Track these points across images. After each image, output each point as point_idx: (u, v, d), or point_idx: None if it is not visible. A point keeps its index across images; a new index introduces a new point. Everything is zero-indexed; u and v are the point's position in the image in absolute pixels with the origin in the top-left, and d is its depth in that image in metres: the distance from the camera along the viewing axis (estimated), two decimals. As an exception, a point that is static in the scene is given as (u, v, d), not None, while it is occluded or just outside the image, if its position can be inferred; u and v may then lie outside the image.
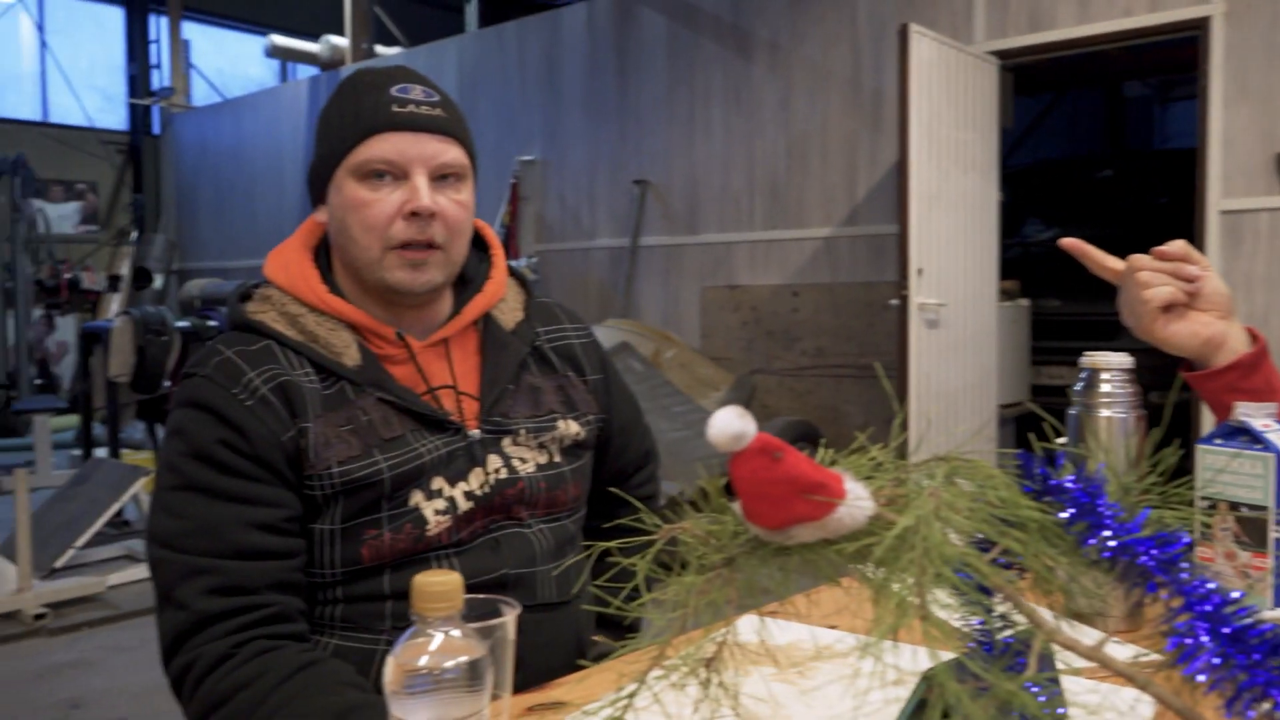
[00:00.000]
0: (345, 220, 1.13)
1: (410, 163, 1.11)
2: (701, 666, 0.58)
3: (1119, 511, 0.55)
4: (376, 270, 1.12)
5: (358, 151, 1.11)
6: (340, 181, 1.12)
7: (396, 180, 1.11)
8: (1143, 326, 1.14)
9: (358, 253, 1.13)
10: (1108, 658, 0.50)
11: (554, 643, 1.17)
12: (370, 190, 1.11)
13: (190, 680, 0.99)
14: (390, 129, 1.10)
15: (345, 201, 1.12)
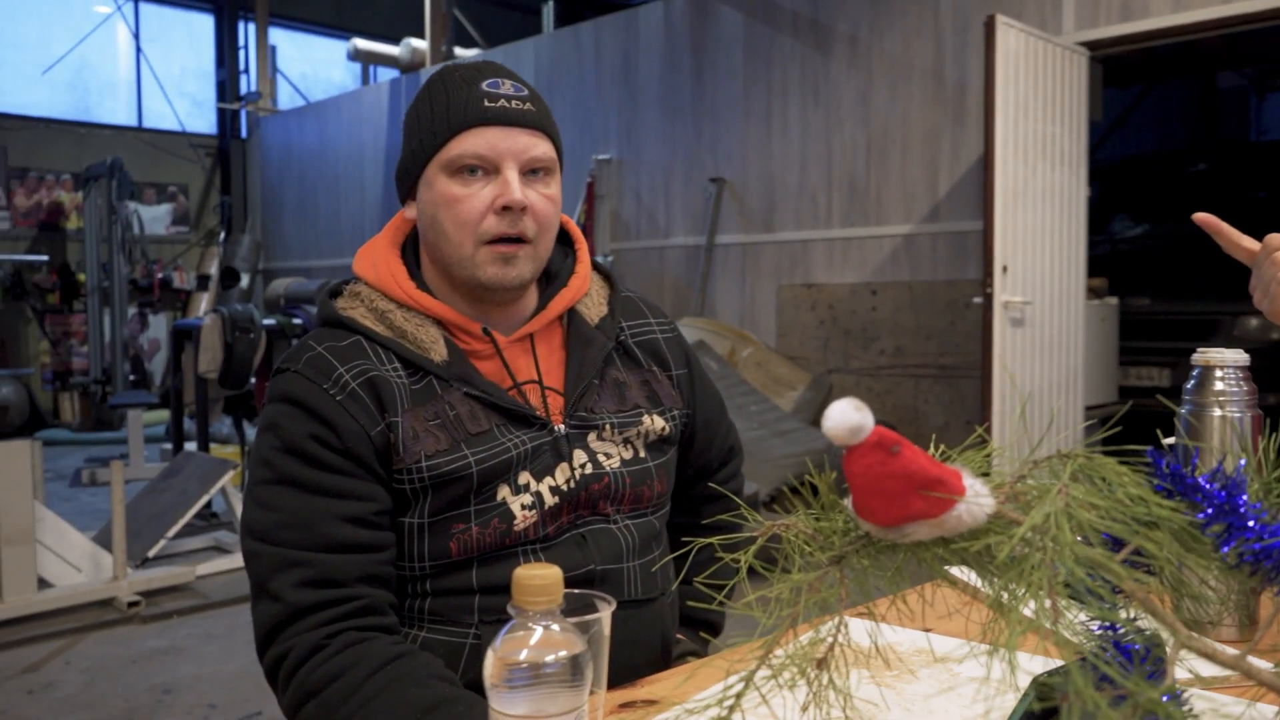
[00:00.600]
0: (437, 216, 1.13)
1: (501, 157, 1.11)
2: (812, 667, 0.56)
3: (1262, 513, 0.51)
4: (468, 267, 1.12)
5: (450, 147, 1.11)
6: (431, 177, 1.12)
7: (487, 175, 1.11)
8: (1275, 311, 1.09)
9: (450, 249, 1.13)
10: (1251, 667, 0.47)
11: (639, 640, 1.16)
12: (462, 185, 1.11)
13: (285, 671, 1.01)
14: (481, 124, 1.10)
15: (437, 197, 1.12)
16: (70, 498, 5.92)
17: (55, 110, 9.92)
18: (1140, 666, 0.50)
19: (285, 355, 1.14)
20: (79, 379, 8.81)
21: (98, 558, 3.83)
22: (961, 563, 0.54)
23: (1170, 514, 0.53)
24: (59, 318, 9.15)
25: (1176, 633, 0.49)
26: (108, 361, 8.48)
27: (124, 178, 8.31)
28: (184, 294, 9.37)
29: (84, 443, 8.19)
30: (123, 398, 6.86)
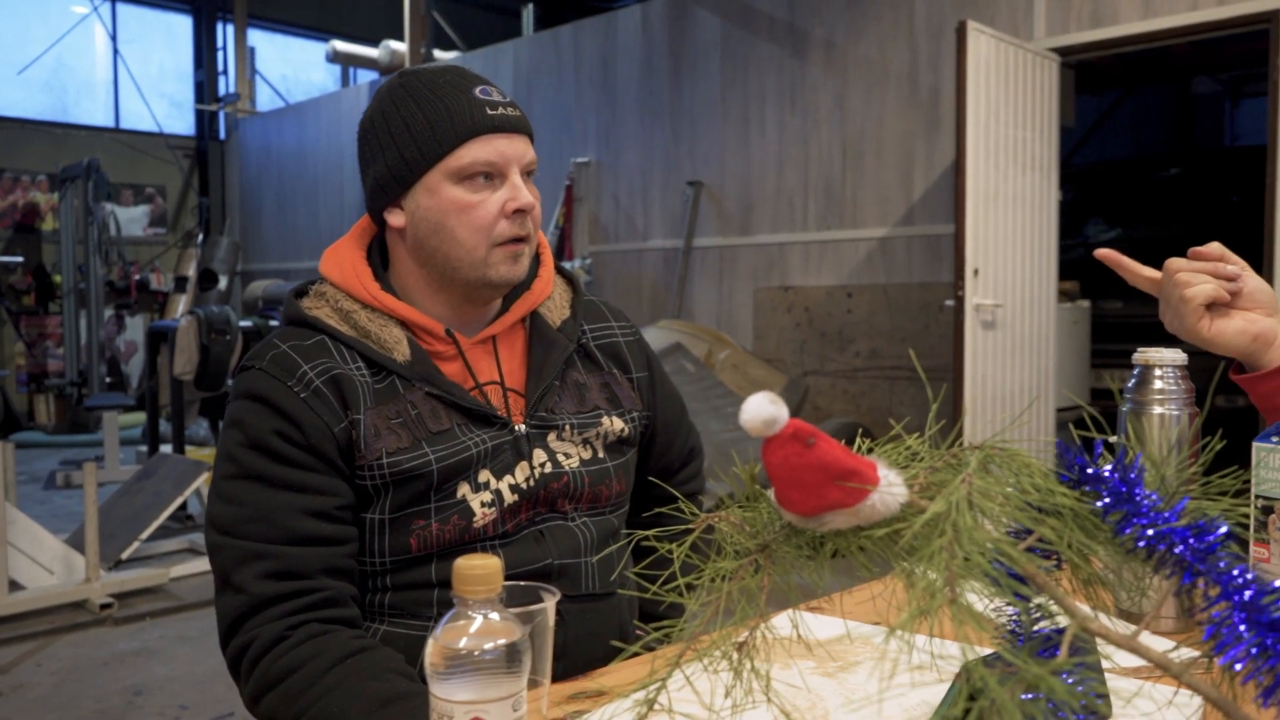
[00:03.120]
0: (445, 222, 1.14)
1: (508, 163, 1.15)
2: (734, 651, 0.59)
3: (1156, 501, 0.54)
4: (480, 268, 1.15)
5: (458, 154, 1.12)
6: (434, 184, 1.13)
7: (492, 180, 1.14)
8: (1187, 327, 1.11)
9: (461, 253, 1.14)
10: (1142, 646, 0.50)
11: (598, 632, 1.18)
12: (472, 192, 1.13)
13: (247, 661, 1.03)
14: (489, 131, 1.13)
15: (445, 204, 1.13)
16: (45, 500, 5.89)
17: (31, 111, 9.85)
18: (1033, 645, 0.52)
19: (250, 353, 1.15)
20: (54, 381, 8.76)
21: (70, 560, 3.81)
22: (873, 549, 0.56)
23: (1072, 502, 0.55)
24: (34, 319, 9.09)
25: (1074, 615, 0.51)
26: (83, 363, 8.43)
27: (101, 179, 8.26)
28: (161, 296, 9.33)
29: (59, 445, 8.13)
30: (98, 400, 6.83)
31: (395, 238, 1.20)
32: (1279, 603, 0.48)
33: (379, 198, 1.18)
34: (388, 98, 1.18)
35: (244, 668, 1.04)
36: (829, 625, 1.04)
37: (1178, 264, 1.13)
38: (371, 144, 1.17)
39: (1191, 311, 1.10)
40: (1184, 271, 1.11)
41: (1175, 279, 1.11)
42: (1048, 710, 0.47)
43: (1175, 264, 1.13)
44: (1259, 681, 0.48)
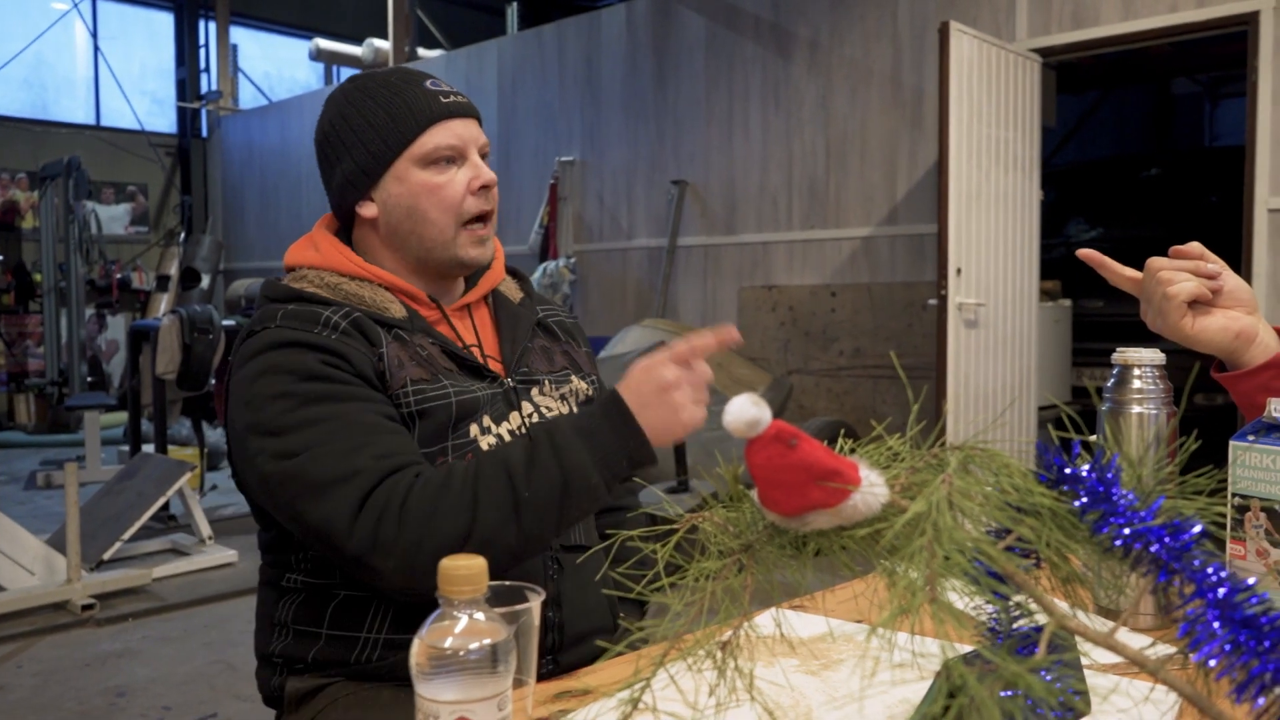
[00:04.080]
0: (417, 205, 1.22)
1: (467, 145, 1.24)
2: (717, 650, 0.59)
3: (1133, 500, 0.55)
4: (450, 248, 1.24)
5: (422, 141, 1.21)
6: (402, 172, 1.22)
7: (454, 162, 1.23)
8: (1170, 325, 1.13)
9: (434, 234, 1.22)
10: (1118, 644, 0.51)
11: (591, 584, 1.24)
12: (438, 174, 1.22)
13: (390, 517, 1.02)
14: (446, 117, 1.22)
15: (415, 188, 1.21)
16: (25, 500, 5.84)
17: (11, 108, 9.77)
18: (1012, 643, 0.53)
19: (250, 322, 1.19)
20: (35, 380, 8.68)
21: (51, 561, 3.78)
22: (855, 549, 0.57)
23: (1050, 502, 0.56)
24: (14, 318, 9.01)
25: (1052, 612, 0.52)
26: (64, 363, 8.36)
27: (81, 177, 8.20)
28: (143, 295, 9.27)
29: (40, 445, 8.07)
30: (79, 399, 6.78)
31: (367, 229, 1.27)
32: (1252, 600, 0.49)
33: (349, 193, 1.25)
34: (343, 101, 1.26)
35: (385, 531, 1.01)
36: (812, 623, 1.05)
37: (1159, 263, 1.14)
38: (335, 145, 1.25)
39: (1174, 309, 1.11)
40: (1166, 270, 1.13)
41: (1158, 277, 1.13)
42: (1026, 707, 0.48)
43: (1157, 263, 1.14)
44: (1232, 678, 0.49)
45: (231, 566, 4.31)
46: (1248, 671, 0.48)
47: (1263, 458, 0.99)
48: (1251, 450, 1.00)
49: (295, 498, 1.06)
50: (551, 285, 6.53)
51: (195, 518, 4.45)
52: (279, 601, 1.22)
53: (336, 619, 1.17)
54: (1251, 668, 0.48)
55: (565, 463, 1.05)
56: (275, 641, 1.22)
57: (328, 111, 1.27)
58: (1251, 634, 0.49)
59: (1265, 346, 1.12)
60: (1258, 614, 0.49)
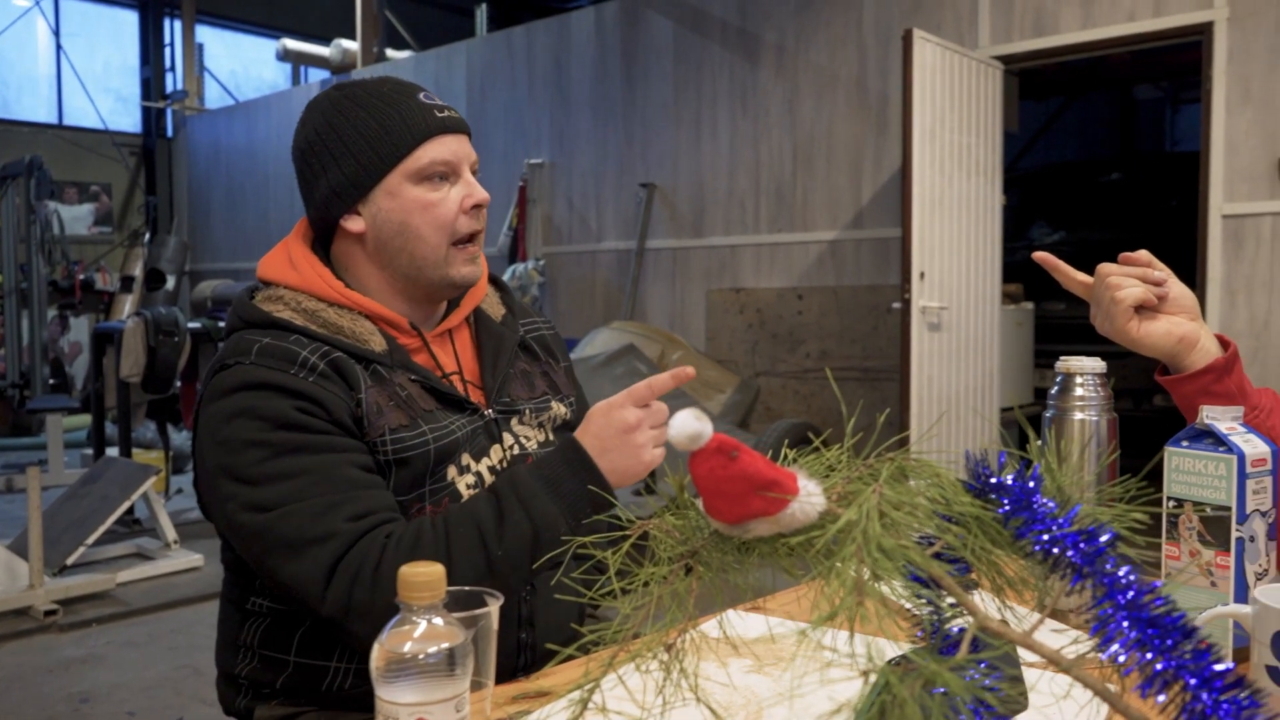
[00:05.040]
0: (409, 222, 1.18)
1: (461, 162, 1.21)
2: (663, 652, 0.62)
3: (1053, 508, 0.58)
4: (441, 267, 1.20)
5: (416, 156, 1.17)
6: (394, 187, 1.18)
7: (447, 179, 1.20)
8: (1117, 328, 1.17)
9: (425, 251, 1.19)
10: (1035, 643, 0.54)
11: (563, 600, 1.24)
12: (432, 190, 1.19)
13: (364, 582, 1.02)
14: (441, 132, 1.19)
15: (408, 204, 1.18)
16: (-15, 505, 5.77)
17: (-30, 106, 9.63)
18: (936, 642, 0.56)
19: (224, 351, 1.15)
20: (-5, 383, 8.55)
21: (13, 566, 3.75)
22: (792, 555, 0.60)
23: (976, 509, 0.59)
24: (-26, 320, 8.87)
25: (974, 613, 0.55)
26: (26, 365, 8.25)
27: (43, 176, 8.09)
28: (107, 296, 9.15)
29: (1, 449, 7.96)
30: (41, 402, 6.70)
31: (351, 243, 1.22)
32: (1157, 601, 0.53)
33: (335, 206, 1.20)
34: (331, 110, 1.20)
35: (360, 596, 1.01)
36: (771, 625, 1.08)
37: (1109, 268, 1.18)
38: (321, 155, 1.19)
39: (1121, 313, 1.16)
40: (1114, 275, 1.17)
41: (1106, 282, 1.17)
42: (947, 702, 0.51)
43: (1106, 268, 1.19)
44: (1138, 674, 0.52)
45: (197, 571, 4.29)
46: (1152, 668, 0.51)
47: (1195, 462, 1.03)
48: (1184, 455, 1.04)
49: (266, 553, 1.05)
50: (520, 287, 6.54)
51: (160, 522, 4.42)
52: (244, 624, 1.20)
53: (305, 647, 1.15)
54: (1155, 665, 0.52)
55: (534, 516, 1.06)
56: (240, 663, 1.20)
57: (312, 119, 1.21)
58: (1156, 632, 0.52)
59: (1206, 351, 1.17)
60: (1162, 614, 0.52)
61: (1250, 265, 4.26)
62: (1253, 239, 4.24)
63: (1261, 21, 4.19)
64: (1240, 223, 4.27)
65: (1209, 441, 1.04)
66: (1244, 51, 4.23)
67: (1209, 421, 1.05)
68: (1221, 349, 1.17)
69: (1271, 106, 4.18)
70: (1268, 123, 4.19)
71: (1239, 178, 4.26)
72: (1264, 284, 4.23)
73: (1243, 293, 4.27)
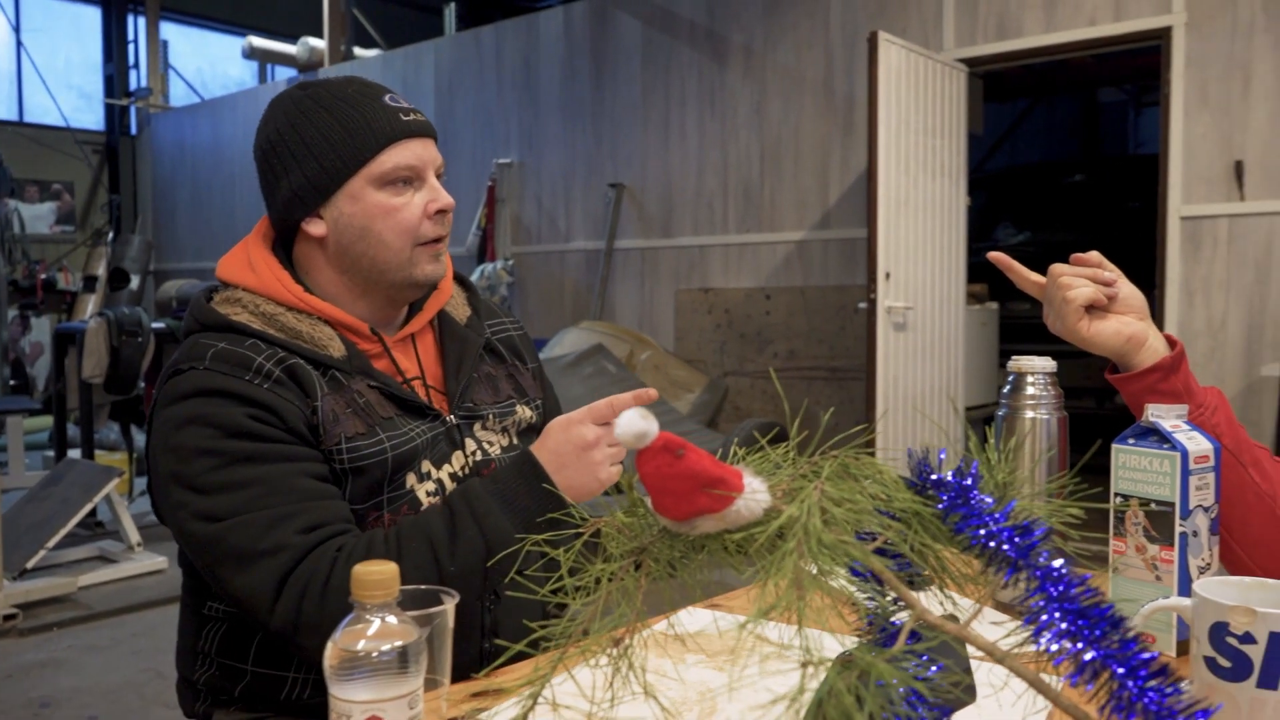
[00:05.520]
0: (371, 227, 1.17)
1: (425, 166, 1.20)
2: (611, 648, 0.63)
3: (990, 503, 0.60)
4: (406, 268, 1.19)
5: (380, 161, 1.16)
6: (357, 191, 1.17)
7: (411, 184, 1.19)
8: (1068, 327, 1.19)
9: (387, 255, 1.18)
10: (971, 635, 0.56)
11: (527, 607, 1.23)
12: (396, 195, 1.18)
13: (313, 596, 1.01)
14: (406, 137, 1.18)
15: (370, 209, 1.17)
16: (-56, 508, 5.68)
17: (-72, 103, 9.47)
18: (874, 636, 0.57)
19: (180, 355, 1.14)
20: (-46, 384, 8.42)
21: (-28, 570, 3.70)
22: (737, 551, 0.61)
23: (917, 505, 0.61)
24: (-67, 320, 8.72)
25: (913, 606, 0.57)
26: (-14, 366, 8.12)
27: (3, 174, 7.98)
28: (69, 296, 9.03)
29: (-40, 451, 7.83)
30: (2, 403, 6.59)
31: (312, 246, 1.21)
32: (1087, 593, 0.55)
33: (296, 209, 1.19)
34: (294, 110, 1.18)
35: (309, 609, 1.01)
36: (725, 621, 1.09)
37: (1060, 269, 1.21)
38: (283, 156, 1.18)
39: (1072, 313, 1.18)
40: (1066, 276, 1.20)
41: (1058, 282, 1.19)
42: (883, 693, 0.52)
43: (1058, 269, 1.21)
44: (1070, 663, 0.54)
45: (161, 573, 4.25)
46: (1081, 658, 0.53)
47: (1141, 459, 1.06)
48: (1130, 452, 1.06)
49: (216, 563, 1.04)
50: (489, 287, 6.53)
51: (123, 524, 4.38)
52: (201, 629, 1.19)
53: (262, 655, 1.15)
54: (1085, 654, 0.53)
55: (487, 531, 1.07)
56: (199, 669, 1.19)
57: (274, 119, 1.19)
58: (1086, 623, 0.54)
59: (1153, 350, 1.19)
60: (1091, 605, 0.54)
61: (1208, 266, 4.33)
62: (1210, 240, 4.32)
63: (1218, 27, 4.27)
64: (1198, 224, 4.34)
65: (1154, 439, 1.06)
66: (1201, 56, 4.30)
67: (1154, 419, 1.07)
68: (1169, 348, 1.20)
69: (1228, 110, 4.26)
70: (1224, 126, 4.27)
71: (1197, 180, 4.33)
72: (1220, 284, 4.31)
73: (1200, 293, 4.34)
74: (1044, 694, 0.54)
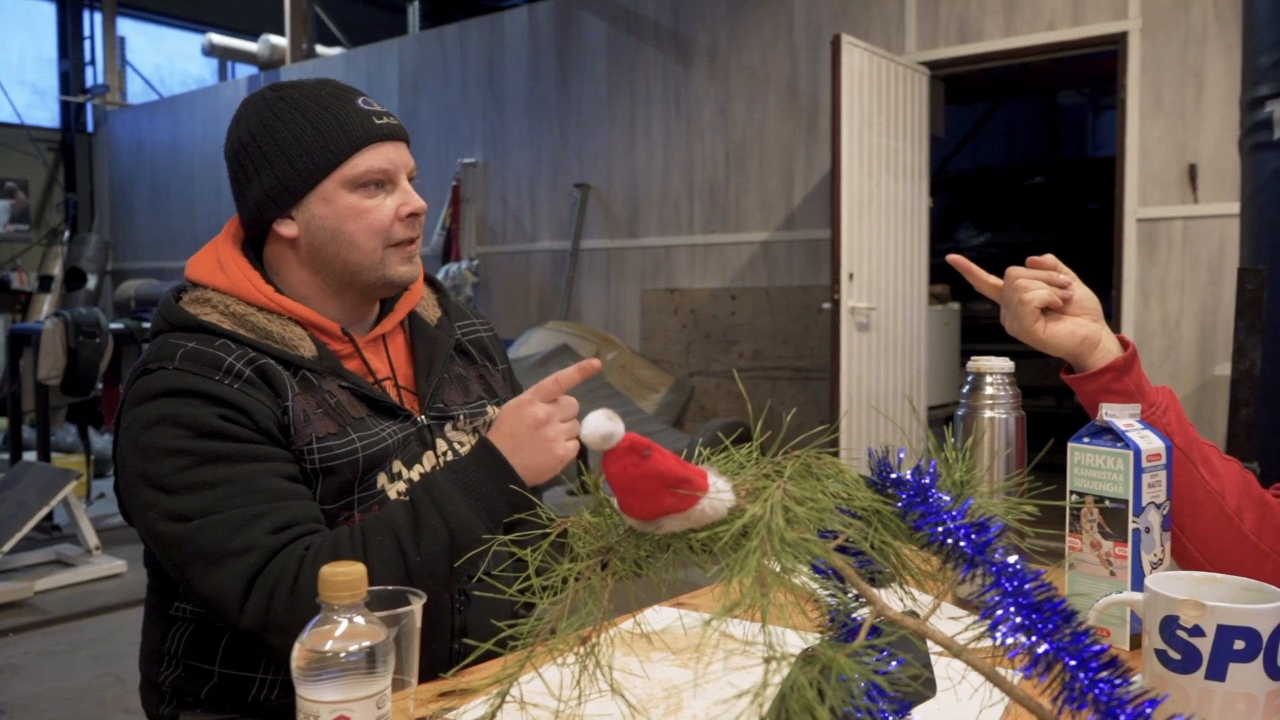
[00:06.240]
0: (342, 229, 1.18)
1: (398, 170, 1.21)
2: (578, 646, 0.64)
3: (947, 501, 0.61)
4: (379, 269, 1.20)
5: (352, 164, 1.17)
6: (329, 193, 1.17)
7: (383, 186, 1.20)
8: (1024, 328, 1.22)
9: (359, 257, 1.19)
10: (928, 630, 0.57)
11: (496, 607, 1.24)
12: (368, 198, 1.18)
13: (281, 596, 1.01)
14: (379, 140, 1.18)
15: (341, 211, 1.18)
16: (-106, 513, 5.56)
17: (-123, 98, 9.25)
18: (836, 632, 0.59)
19: (148, 355, 1.13)
20: (-95, 386, 8.23)
21: (-76, 575, 3.63)
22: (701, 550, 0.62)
23: (877, 503, 0.62)
24: (-118, 320, 8.53)
25: (873, 601, 0.58)
26: (-62, 367, 7.95)
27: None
28: (24, 296, 8.88)
29: (-89, 454, 7.67)
30: (-46, 406, 6.47)
31: (284, 247, 1.21)
32: (1040, 588, 0.56)
33: (268, 209, 1.19)
34: (267, 111, 1.18)
35: (278, 609, 1.01)
36: (691, 619, 1.10)
37: (1017, 271, 1.24)
38: (255, 157, 1.18)
39: (1028, 314, 1.21)
40: (1023, 278, 1.22)
41: (1014, 284, 1.22)
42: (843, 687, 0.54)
43: (1015, 271, 1.24)
44: (1024, 656, 0.55)
45: (120, 577, 4.19)
46: (1035, 651, 0.55)
47: (1095, 457, 1.08)
48: (1085, 451, 1.09)
49: (185, 563, 1.04)
50: (454, 287, 6.50)
51: (81, 527, 4.31)
52: (167, 631, 1.18)
53: (230, 656, 1.14)
54: (1039, 648, 0.55)
55: (450, 520, 1.07)
56: (164, 671, 1.19)
57: (246, 119, 1.19)
58: (1039, 617, 0.55)
59: (1107, 351, 1.22)
60: (1044, 600, 0.56)
61: (1163, 268, 4.42)
62: (1165, 242, 4.41)
63: (1171, 33, 4.35)
64: (1153, 226, 4.42)
65: (1108, 438, 1.09)
66: (1155, 61, 4.39)
67: (1108, 419, 1.10)
68: (1121, 349, 1.23)
69: (1181, 115, 4.34)
70: (1178, 130, 4.35)
71: (1152, 183, 4.42)
72: (1175, 285, 4.40)
73: (1156, 294, 4.42)
74: (1000, 687, 0.55)
